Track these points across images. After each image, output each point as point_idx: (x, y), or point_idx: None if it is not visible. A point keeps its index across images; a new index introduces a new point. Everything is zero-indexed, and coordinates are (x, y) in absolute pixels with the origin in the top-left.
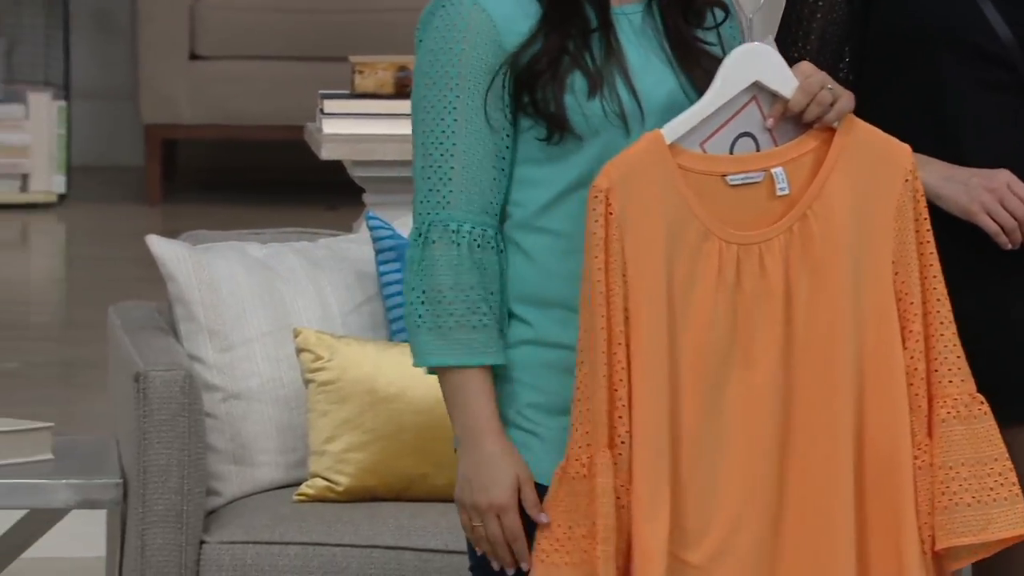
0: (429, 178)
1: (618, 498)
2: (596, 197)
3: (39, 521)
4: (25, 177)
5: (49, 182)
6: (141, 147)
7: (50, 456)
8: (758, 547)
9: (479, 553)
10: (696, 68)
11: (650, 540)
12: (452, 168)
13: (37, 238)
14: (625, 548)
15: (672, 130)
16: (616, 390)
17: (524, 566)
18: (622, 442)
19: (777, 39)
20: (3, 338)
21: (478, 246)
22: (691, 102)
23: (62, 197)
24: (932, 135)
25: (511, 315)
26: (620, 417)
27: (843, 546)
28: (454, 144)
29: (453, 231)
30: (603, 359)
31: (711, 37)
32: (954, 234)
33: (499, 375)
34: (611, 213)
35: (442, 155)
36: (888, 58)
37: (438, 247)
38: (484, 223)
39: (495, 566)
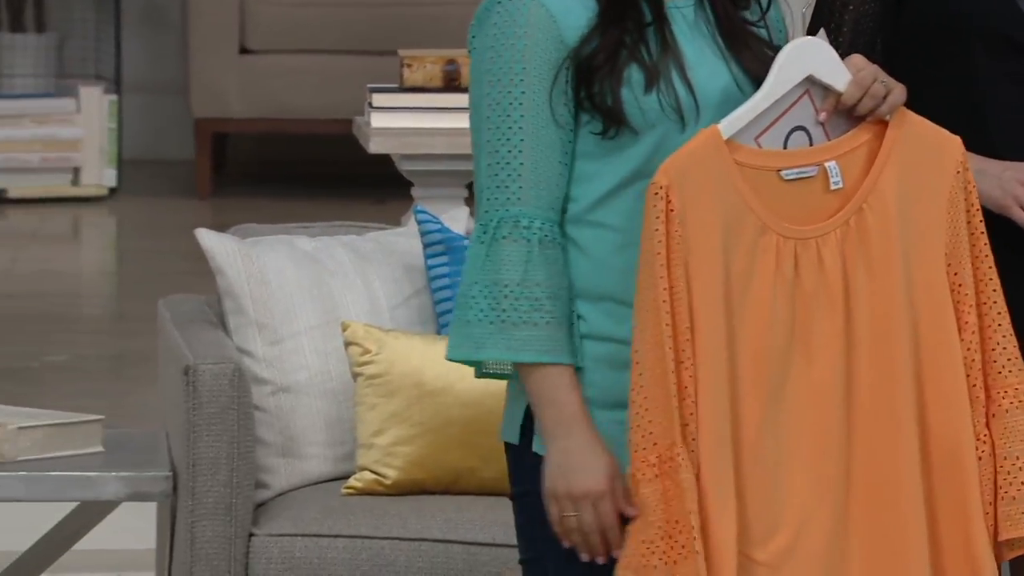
0: (497, 175)
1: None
2: (656, 194)
3: (90, 513)
4: (76, 171)
5: (100, 176)
6: (191, 141)
7: (100, 449)
8: (828, 543)
9: (567, 545)
10: (746, 51)
11: (721, 534)
12: (521, 164)
13: (88, 231)
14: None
15: (729, 125)
16: (686, 386)
17: (616, 555)
18: (693, 439)
19: (809, 32)
20: (55, 331)
21: (548, 243)
22: (744, 94)
23: (113, 191)
24: (964, 128)
25: None
26: (691, 414)
27: (915, 539)
28: (522, 140)
29: (524, 227)
30: (670, 355)
31: (759, 24)
32: (987, 228)
33: None
34: (672, 209)
35: (510, 151)
36: (920, 50)
37: (507, 243)
38: (552, 219)
39: (584, 557)
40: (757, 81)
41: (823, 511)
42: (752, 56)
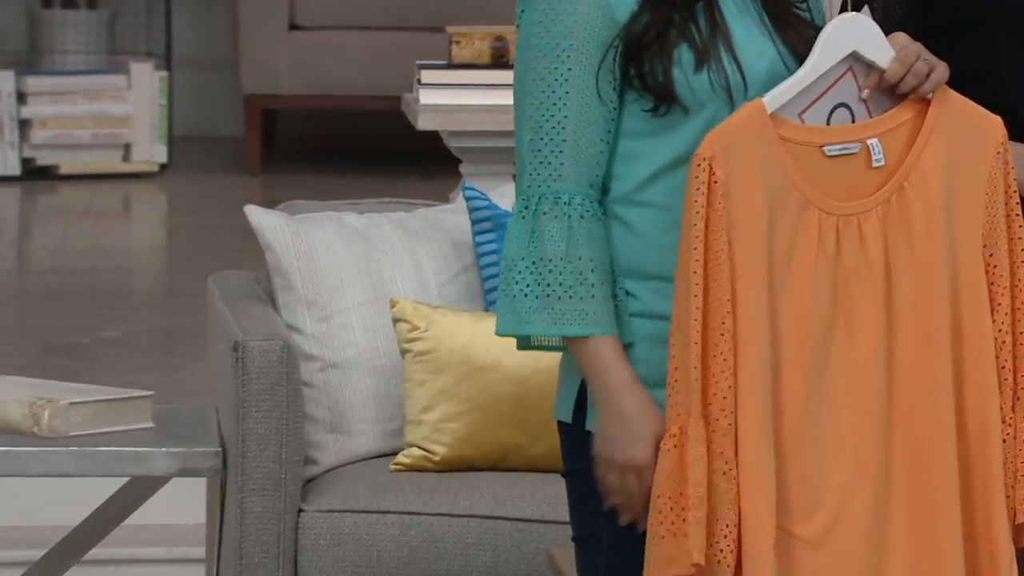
0: (540, 151)
1: (728, 470)
2: (699, 165)
3: (140, 488)
4: (127, 147)
5: (151, 152)
6: (241, 117)
7: (151, 425)
8: (869, 519)
9: (607, 506)
10: (791, 31)
11: (759, 509)
12: (564, 141)
13: (138, 208)
14: (737, 521)
15: (773, 100)
16: (725, 359)
17: None
18: (730, 412)
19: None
20: (105, 307)
21: (589, 218)
22: (790, 72)
23: (163, 167)
24: None
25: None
26: (729, 387)
27: (949, 516)
28: (565, 116)
29: (565, 203)
30: (696, 327)
31: (802, 5)
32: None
33: None
34: (715, 182)
35: (553, 127)
36: (949, 41)
37: (549, 219)
38: (592, 196)
39: (623, 520)
40: (802, 60)
41: (864, 488)
42: (797, 36)
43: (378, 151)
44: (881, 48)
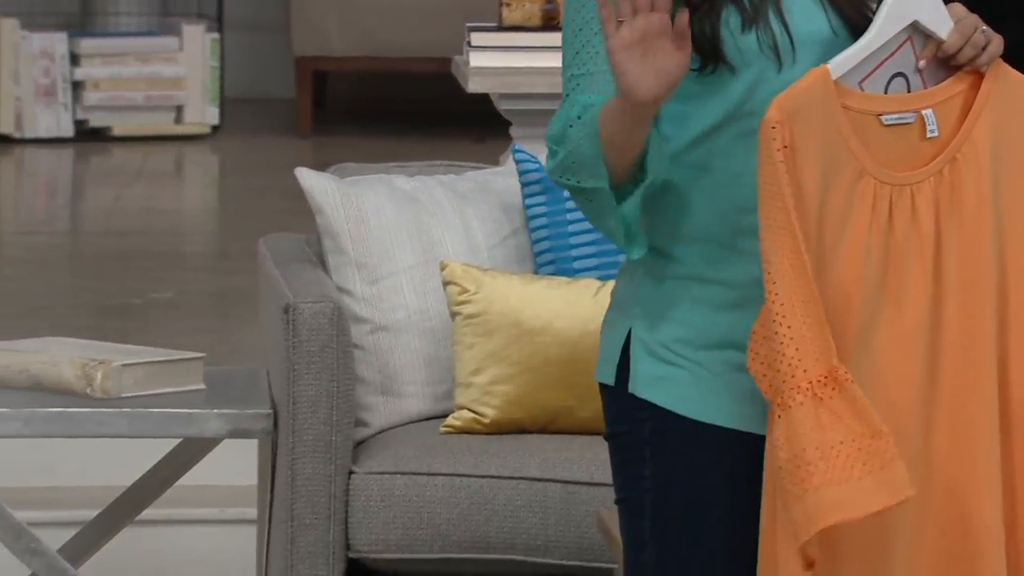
0: (573, 96)
1: None
2: (773, 128)
3: (192, 450)
4: (179, 109)
5: (203, 114)
6: (292, 79)
7: (202, 386)
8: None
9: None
10: None
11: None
12: (595, 88)
13: (190, 169)
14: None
15: (837, 67)
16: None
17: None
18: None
19: None
20: (157, 268)
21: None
22: (838, 37)
23: (215, 129)
24: None
25: (657, 250)
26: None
27: (987, 486)
28: (597, 66)
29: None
30: (813, 284)
31: None
32: None
33: (647, 309)
34: (785, 146)
35: (584, 75)
36: (1000, 13)
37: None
38: None
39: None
40: (850, 26)
41: (904, 453)
42: (846, 1)
43: (428, 113)
44: (941, 18)
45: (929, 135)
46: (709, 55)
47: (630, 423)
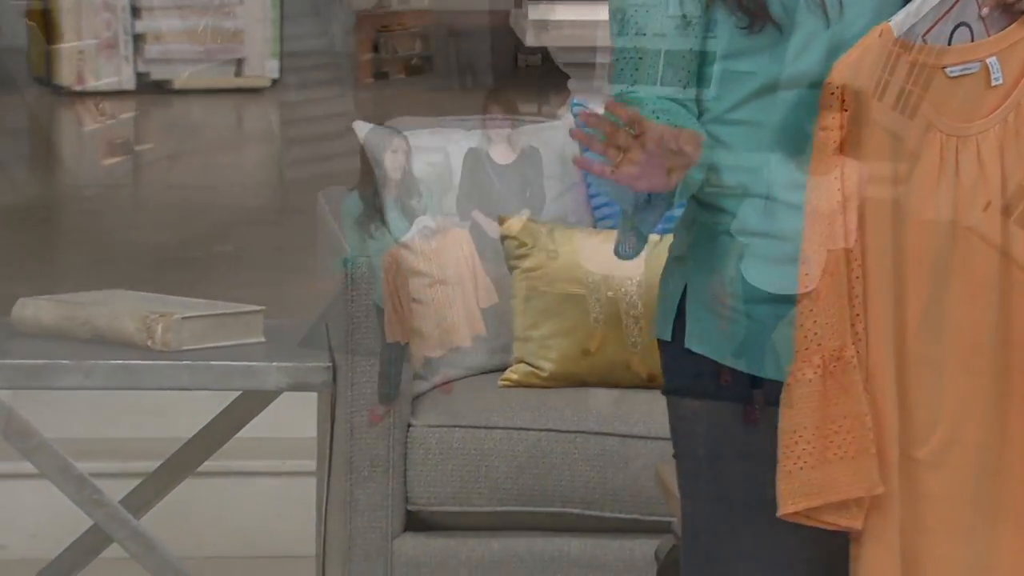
0: (623, 70)
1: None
2: (832, 94)
3: (252, 402)
4: (240, 62)
5: (263, 67)
6: (351, 33)
7: (262, 339)
8: (984, 436)
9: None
10: None
11: (886, 434)
12: (641, 59)
13: (250, 122)
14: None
15: (899, 24)
16: (852, 287)
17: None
18: (859, 339)
19: None
20: (219, 222)
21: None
22: None
23: (275, 82)
24: None
25: (710, 206)
26: (858, 315)
27: None
28: (646, 32)
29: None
30: (844, 258)
31: None
32: None
33: (702, 263)
34: (845, 110)
35: (635, 46)
36: None
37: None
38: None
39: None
40: None
41: (978, 405)
42: None
43: (486, 67)
44: None
45: (994, 83)
46: (756, 15)
47: (686, 379)
